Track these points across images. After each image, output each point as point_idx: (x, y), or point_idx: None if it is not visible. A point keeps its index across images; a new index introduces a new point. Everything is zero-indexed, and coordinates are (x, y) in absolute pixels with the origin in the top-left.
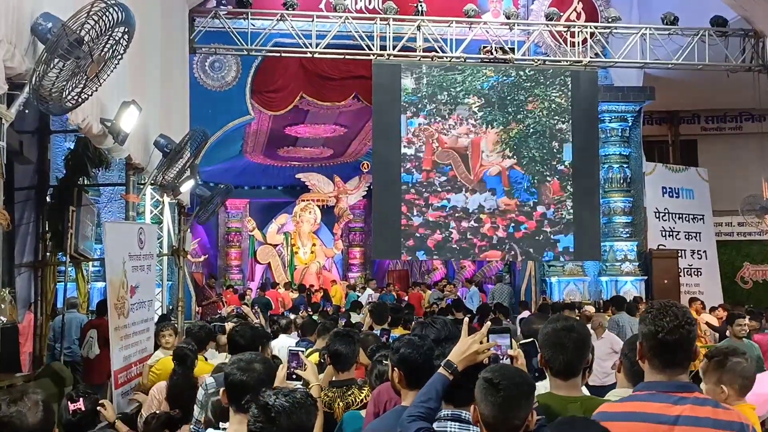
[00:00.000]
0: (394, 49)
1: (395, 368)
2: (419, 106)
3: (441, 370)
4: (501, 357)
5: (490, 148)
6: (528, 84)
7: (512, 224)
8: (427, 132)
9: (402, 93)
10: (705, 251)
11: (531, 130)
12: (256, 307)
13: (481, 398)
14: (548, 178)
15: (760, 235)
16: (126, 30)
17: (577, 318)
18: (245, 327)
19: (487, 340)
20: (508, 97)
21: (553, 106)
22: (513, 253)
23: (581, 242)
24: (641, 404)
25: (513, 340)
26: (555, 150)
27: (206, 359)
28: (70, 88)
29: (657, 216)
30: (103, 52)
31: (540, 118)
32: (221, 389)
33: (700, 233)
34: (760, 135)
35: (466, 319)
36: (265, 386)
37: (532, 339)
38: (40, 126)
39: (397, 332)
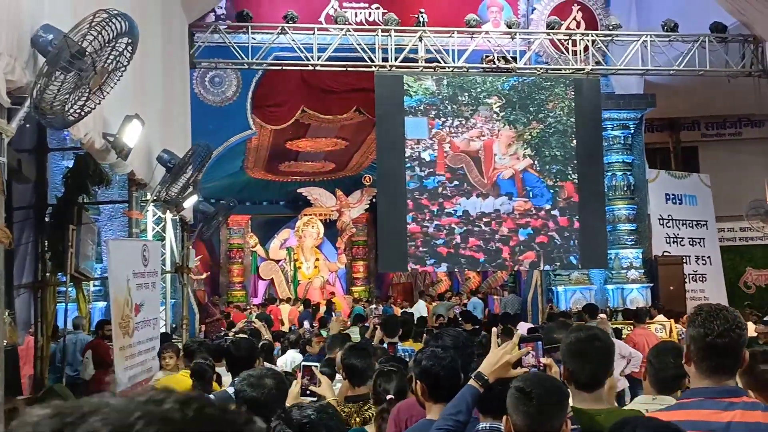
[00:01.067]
0: (395, 60)
1: (418, 381)
2: (440, 107)
3: (471, 381)
4: (538, 367)
5: (503, 151)
6: (548, 83)
7: (530, 228)
8: (439, 136)
9: (424, 95)
10: (709, 257)
11: (552, 129)
12: (263, 322)
13: (513, 408)
14: (569, 177)
15: (762, 239)
16: (129, 41)
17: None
18: (240, 339)
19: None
20: (529, 97)
21: (573, 105)
22: (541, 256)
23: (588, 250)
24: (690, 412)
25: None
26: (576, 149)
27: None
28: (73, 102)
29: (661, 223)
30: (106, 64)
31: (561, 117)
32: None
33: (704, 239)
34: (761, 140)
35: (495, 330)
36: (278, 402)
37: (557, 345)
38: (38, 144)
39: (407, 345)
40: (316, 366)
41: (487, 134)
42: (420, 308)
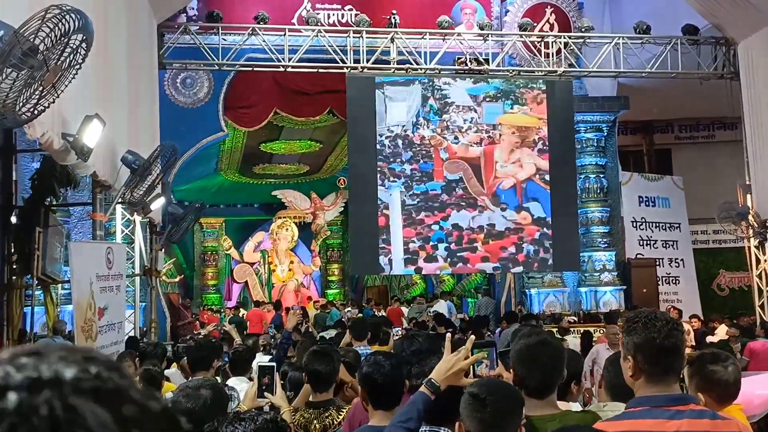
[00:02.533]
0: (367, 61)
1: (361, 386)
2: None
3: (423, 388)
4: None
5: (505, 158)
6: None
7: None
8: (435, 140)
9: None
10: (682, 259)
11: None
12: (233, 325)
13: (467, 414)
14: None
15: (735, 242)
16: (84, 38)
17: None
18: (201, 339)
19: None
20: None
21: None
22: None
23: (560, 253)
24: (636, 422)
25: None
26: (549, 152)
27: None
28: (24, 100)
29: (634, 225)
30: (59, 62)
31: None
32: None
33: (677, 242)
34: (734, 142)
35: (449, 335)
36: (216, 414)
37: (509, 349)
38: (4, 145)
39: (375, 349)
40: (273, 365)
41: (486, 139)
42: (442, 307)
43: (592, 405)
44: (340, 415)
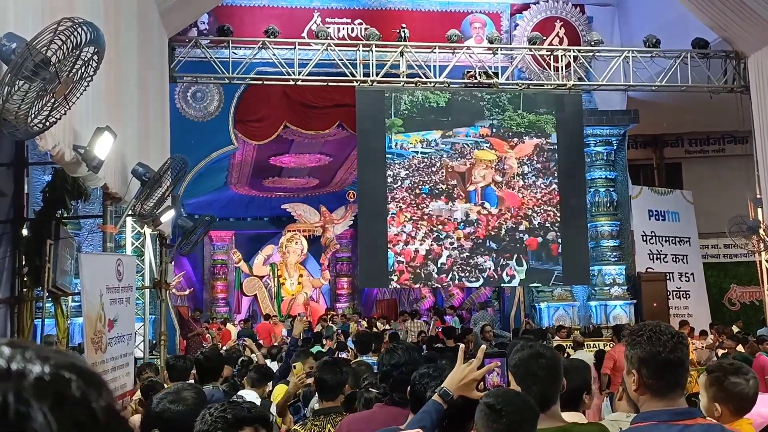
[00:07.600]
0: (377, 75)
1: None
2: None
3: (435, 397)
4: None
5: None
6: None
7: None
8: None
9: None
10: (692, 273)
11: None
12: (243, 339)
13: (482, 424)
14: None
15: (746, 256)
16: (96, 50)
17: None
18: (213, 350)
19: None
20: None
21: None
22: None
23: (570, 267)
24: None
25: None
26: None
27: None
28: (36, 112)
29: (644, 239)
30: (71, 74)
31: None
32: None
33: (687, 256)
34: (743, 156)
35: (462, 346)
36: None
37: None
38: (16, 158)
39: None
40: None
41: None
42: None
43: (614, 414)
44: None
